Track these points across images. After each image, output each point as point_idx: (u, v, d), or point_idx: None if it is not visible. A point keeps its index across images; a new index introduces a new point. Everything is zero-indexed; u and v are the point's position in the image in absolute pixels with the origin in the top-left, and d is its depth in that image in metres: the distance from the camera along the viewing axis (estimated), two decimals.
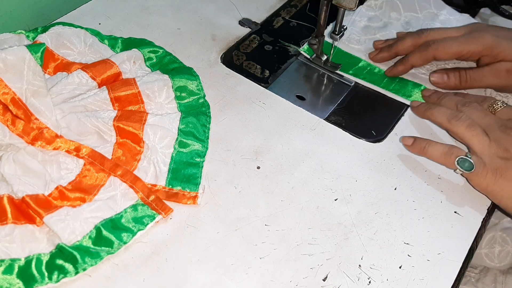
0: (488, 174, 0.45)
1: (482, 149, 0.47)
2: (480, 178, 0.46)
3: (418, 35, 0.58)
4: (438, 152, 0.48)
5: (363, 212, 0.46)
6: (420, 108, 0.54)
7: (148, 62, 0.57)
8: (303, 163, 0.50)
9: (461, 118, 0.48)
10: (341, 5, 0.51)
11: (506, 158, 0.45)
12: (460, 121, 0.48)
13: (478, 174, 0.46)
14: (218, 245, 0.43)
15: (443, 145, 0.48)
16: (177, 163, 0.48)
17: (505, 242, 0.57)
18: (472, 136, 0.47)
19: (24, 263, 0.39)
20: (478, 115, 0.49)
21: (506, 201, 0.45)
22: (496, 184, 0.45)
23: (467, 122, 0.48)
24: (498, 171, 0.45)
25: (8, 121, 0.46)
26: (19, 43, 0.55)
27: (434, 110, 0.51)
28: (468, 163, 0.46)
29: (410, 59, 0.57)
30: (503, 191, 0.45)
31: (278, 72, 0.59)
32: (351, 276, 0.42)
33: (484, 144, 0.47)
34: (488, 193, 0.46)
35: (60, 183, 0.44)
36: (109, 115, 0.49)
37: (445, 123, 0.50)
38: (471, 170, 0.46)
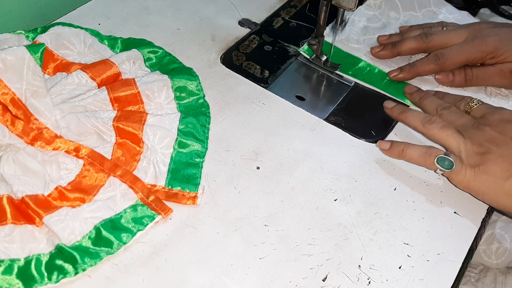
0: (467, 171, 0.46)
1: (457, 147, 0.47)
2: (460, 176, 0.46)
3: (422, 39, 0.58)
4: (416, 154, 0.48)
5: (362, 212, 0.46)
6: (394, 111, 0.54)
7: (147, 63, 0.57)
8: (303, 163, 0.50)
9: (434, 121, 0.49)
10: (340, 5, 0.51)
11: (481, 153, 0.46)
12: (434, 124, 0.49)
13: (458, 172, 0.46)
14: (218, 245, 0.43)
15: (421, 146, 0.49)
16: (176, 164, 0.48)
17: (503, 239, 0.57)
18: (447, 136, 0.48)
19: (23, 263, 0.39)
20: (454, 117, 0.50)
21: (489, 196, 0.46)
22: (476, 179, 0.45)
23: (441, 124, 0.49)
24: (476, 167, 0.45)
25: (7, 121, 0.46)
26: (18, 43, 0.55)
27: (408, 113, 0.52)
28: (448, 161, 0.46)
29: (418, 69, 0.58)
30: (484, 186, 0.45)
31: (277, 73, 0.59)
32: (350, 277, 0.42)
33: (460, 142, 0.47)
34: (470, 190, 0.47)
35: (60, 184, 0.44)
36: (108, 116, 0.49)
37: (420, 127, 0.50)
38: (451, 168, 0.46)
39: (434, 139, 0.50)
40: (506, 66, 0.55)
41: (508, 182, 0.44)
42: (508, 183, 0.44)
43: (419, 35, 0.59)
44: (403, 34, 0.62)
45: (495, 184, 0.45)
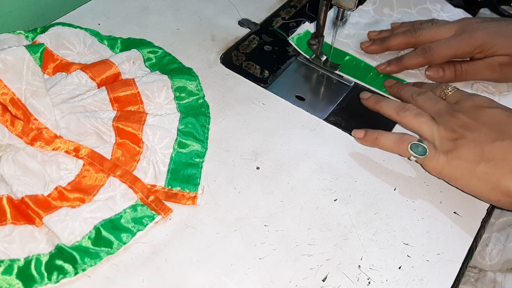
0: (440, 157, 0.46)
1: (431, 134, 0.48)
2: (433, 163, 0.46)
3: (411, 34, 0.59)
4: (390, 141, 0.49)
5: (362, 212, 0.46)
6: (370, 101, 0.55)
7: (147, 63, 0.57)
8: (303, 163, 0.50)
9: (408, 109, 0.50)
10: (340, 5, 0.51)
11: (454, 139, 0.46)
12: (408, 111, 0.50)
13: (432, 158, 0.46)
14: (218, 245, 0.43)
15: (394, 134, 0.49)
16: (176, 164, 0.48)
17: (498, 241, 0.57)
18: (421, 123, 0.48)
19: (23, 263, 0.39)
20: (429, 103, 0.51)
21: (461, 181, 0.46)
22: (449, 165, 0.46)
23: (414, 112, 0.49)
24: (449, 153, 0.46)
25: (7, 121, 0.46)
26: (18, 43, 0.55)
27: (383, 103, 0.53)
28: (421, 147, 0.47)
29: (405, 62, 0.58)
30: (457, 171, 0.46)
31: (277, 73, 0.59)
32: (350, 277, 0.42)
33: (433, 129, 0.48)
34: (443, 176, 0.47)
35: (60, 184, 0.44)
36: (108, 116, 0.49)
37: (395, 116, 0.51)
38: (425, 154, 0.46)
39: (408, 127, 0.50)
40: (494, 59, 0.55)
41: (479, 166, 0.44)
42: (479, 167, 0.44)
43: (408, 30, 0.59)
44: (393, 30, 0.62)
45: (467, 169, 0.45)
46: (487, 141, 0.45)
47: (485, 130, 0.46)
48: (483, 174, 0.44)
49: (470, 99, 0.49)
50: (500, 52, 0.55)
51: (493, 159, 0.44)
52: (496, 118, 0.46)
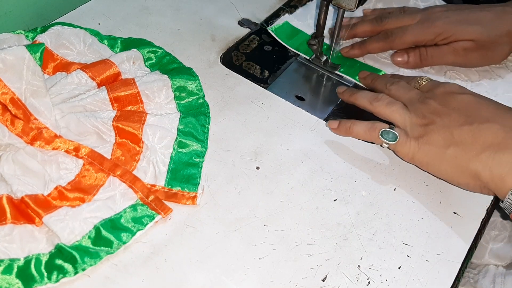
0: (411, 142, 0.47)
1: (403, 121, 0.48)
2: (405, 149, 0.47)
3: (377, 22, 0.60)
4: (362, 129, 0.50)
5: (362, 212, 0.46)
6: (345, 94, 0.55)
7: (147, 62, 0.57)
8: (303, 163, 0.50)
9: (381, 98, 0.51)
10: (340, 5, 0.51)
11: (425, 124, 0.47)
12: (380, 101, 0.50)
13: (403, 144, 0.47)
14: (218, 245, 0.43)
15: (366, 122, 0.50)
16: (176, 164, 0.48)
17: (504, 228, 0.57)
18: (393, 111, 0.49)
19: (23, 263, 0.39)
20: (402, 92, 0.51)
21: (433, 166, 0.47)
22: (420, 151, 0.46)
23: (387, 101, 0.50)
24: (420, 138, 0.46)
25: (7, 121, 0.46)
26: (18, 43, 0.55)
27: (357, 95, 0.54)
28: (392, 134, 0.48)
29: (368, 46, 0.60)
30: (427, 156, 0.46)
31: (277, 73, 0.59)
32: (350, 277, 0.42)
33: (405, 117, 0.48)
34: (415, 161, 0.48)
35: (59, 183, 0.44)
36: (108, 115, 0.49)
37: (368, 106, 0.52)
38: (395, 140, 0.47)
39: (381, 116, 0.51)
40: (459, 44, 0.57)
41: (449, 150, 0.45)
42: (449, 151, 0.45)
43: (375, 18, 0.61)
44: (364, 17, 0.63)
45: (437, 153, 0.46)
46: (456, 126, 0.45)
47: (454, 115, 0.46)
48: (452, 158, 0.45)
49: (442, 86, 0.50)
50: (464, 38, 0.56)
51: (461, 142, 0.45)
52: (465, 103, 0.47)
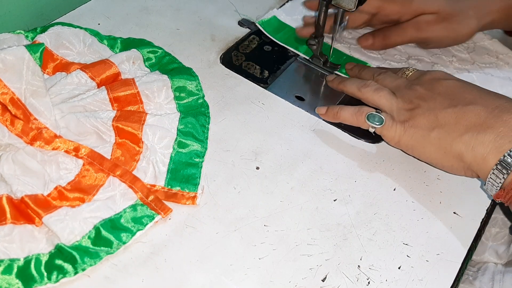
0: (397, 126, 0.47)
1: (390, 106, 0.49)
2: (391, 132, 0.48)
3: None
4: (349, 114, 0.51)
5: (362, 212, 0.46)
6: (334, 82, 0.57)
7: (147, 62, 0.57)
8: (302, 163, 0.50)
9: (369, 85, 0.51)
10: (340, 5, 0.51)
11: (410, 109, 0.48)
12: (369, 87, 0.51)
13: (389, 127, 0.48)
14: (217, 245, 0.43)
15: (353, 107, 0.51)
16: (176, 164, 0.48)
17: (505, 225, 0.57)
18: (380, 97, 0.50)
19: (23, 263, 0.39)
20: (389, 80, 0.52)
21: (417, 149, 0.47)
22: (406, 134, 0.47)
23: (375, 87, 0.51)
24: (406, 122, 0.47)
25: (7, 121, 0.46)
26: (18, 43, 0.55)
27: (346, 82, 0.55)
28: (378, 117, 0.48)
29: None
30: (413, 139, 0.47)
31: (277, 73, 0.59)
32: (350, 277, 0.42)
33: (392, 102, 0.49)
34: (401, 145, 0.48)
35: (59, 183, 0.44)
36: (108, 115, 0.49)
37: (356, 92, 0.53)
38: (381, 123, 0.48)
39: (369, 102, 0.52)
40: (421, 18, 0.58)
41: (433, 132, 0.45)
42: (433, 133, 0.45)
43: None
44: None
45: (422, 136, 0.46)
46: (440, 108, 0.46)
47: (439, 99, 0.47)
48: (436, 140, 0.45)
49: (428, 73, 0.51)
50: (425, 11, 0.57)
51: (445, 124, 0.45)
52: (450, 88, 0.48)
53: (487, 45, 0.64)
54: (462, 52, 0.63)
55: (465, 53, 0.63)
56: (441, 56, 0.62)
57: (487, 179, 0.42)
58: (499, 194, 0.42)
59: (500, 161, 0.41)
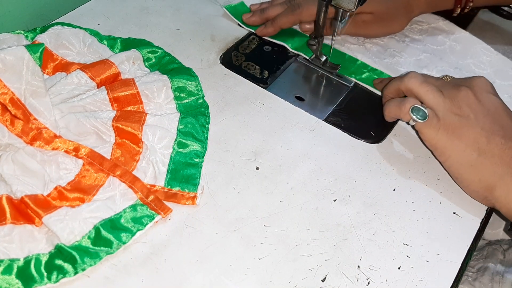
0: (440, 129, 0.46)
1: (436, 104, 0.47)
2: (432, 132, 0.46)
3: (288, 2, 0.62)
4: (393, 104, 0.50)
5: (362, 213, 0.46)
6: (379, 84, 0.58)
7: (147, 63, 0.57)
8: (302, 163, 0.50)
9: (414, 76, 0.49)
10: (340, 6, 0.51)
11: (459, 115, 0.46)
12: (414, 78, 0.49)
13: (431, 126, 0.46)
14: (217, 245, 0.43)
15: (398, 98, 0.50)
16: (176, 164, 0.48)
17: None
18: (427, 91, 0.48)
19: (23, 263, 0.39)
20: (431, 78, 0.50)
21: (452, 161, 0.46)
22: (447, 140, 0.46)
23: (421, 79, 0.49)
24: (451, 128, 0.46)
25: (7, 121, 0.46)
26: (18, 43, 0.55)
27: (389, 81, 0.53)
28: (422, 112, 0.47)
29: (278, 21, 0.62)
30: (452, 149, 0.46)
31: (277, 73, 0.59)
32: (350, 277, 0.42)
33: (439, 100, 0.47)
34: (437, 149, 0.47)
35: (59, 183, 0.44)
36: (108, 116, 0.49)
37: (400, 85, 0.51)
38: (425, 119, 0.46)
39: (413, 94, 0.49)
40: (359, 17, 0.61)
41: (476, 154, 0.45)
42: (476, 155, 0.45)
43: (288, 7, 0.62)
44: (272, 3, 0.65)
45: (464, 151, 0.45)
46: (490, 132, 0.45)
47: (489, 119, 0.45)
48: (478, 165, 0.45)
49: (473, 79, 0.49)
50: (364, 11, 0.60)
51: (490, 152, 0.44)
52: (500, 111, 0.46)
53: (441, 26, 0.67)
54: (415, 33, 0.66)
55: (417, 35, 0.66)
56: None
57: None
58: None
59: None
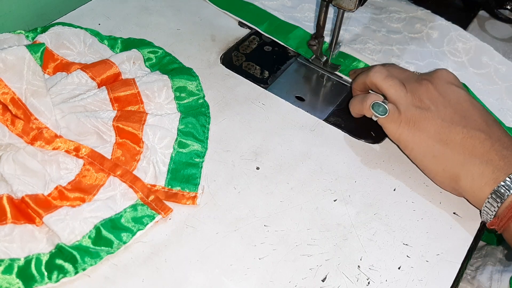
0: (402, 122, 0.47)
1: (398, 98, 0.48)
2: (394, 126, 0.47)
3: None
4: (357, 100, 0.51)
5: (362, 213, 0.46)
6: (352, 75, 0.58)
7: (147, 63, 0.57)
8: (302, 163, 0.50)
9: (379, 70, 0.50)
10: (340, 6, 0.51)
11: (420, 107, 0.47)
12: (378, 73, 0.50)
13: (393, 120, 0.47)
14: (217, 245, 0.43)
15: (362, 95, 0.51)
16: (176, 164, 0.48)
17: None
18: (390, 86, 0.49)
19: (23, 263, 0.39)
20: (397, 71, 0.51)
21: (416, 153, 0.47)
22: (409, 133, 0.47)
23: (385, 74, 0.49)
24: (412, 120, 0.47)
25: (7, 121, 0.46)
26: (18, 43, 0.55)
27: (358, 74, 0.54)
28: (383, 107, 0.48)
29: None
30: (414, 142, 0.46)
31: (277, 73, 0.60)
32: (350, 277, 0.42)
33: (401, 94, 0.48)
34: (400, 142, 0.48)
35: (60, 183, 0.44)
36: (108, 115, 0.49)
37: (364, 77, 0.52)
38: (385, 114, 0.47)
39: (377, 88, 0.51)
40: None
41: (438, 145, 0.45)
42: (438, 146, 0.45)
43: None
44: None
45: (426, 143, 0.46)
46: (450, 122, 0.46)
47: (450, 110, 0.46)
48: (439, 154, 0.45)
49: (439, 71, 0.49)
50: None
51: (451, 141, 0.45)
52: (461, 101, 0.47)
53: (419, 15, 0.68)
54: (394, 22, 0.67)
55: (395, 23, 0.67)
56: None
57: (482, 208, 0.43)
58: (493, 222, 0.43)
59: (495, 191, 0.42)
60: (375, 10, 0.68)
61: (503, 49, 0.64)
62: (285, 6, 0.68)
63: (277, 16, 0.65)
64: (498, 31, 0.68)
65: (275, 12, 0.66)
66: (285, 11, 0.67)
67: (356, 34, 0.65)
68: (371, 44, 0.63)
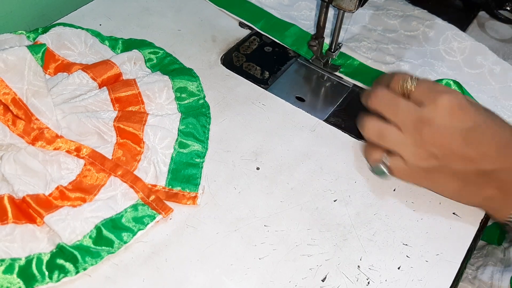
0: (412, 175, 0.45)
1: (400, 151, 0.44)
2: (403, 177, 0.46)
3: None
4: (365, 148, 0.49)
5: (362, 213, 0.46)
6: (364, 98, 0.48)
7: (148, 63, 0.57)
8: (303, 164, 0.50)
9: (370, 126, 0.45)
10: (340, 7, 0.51)
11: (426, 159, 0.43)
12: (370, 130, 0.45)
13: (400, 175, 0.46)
14: (218, 245, 0.43)
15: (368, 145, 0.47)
16: (177, 164, 0.48)
17: None
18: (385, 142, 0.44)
19: (24, 262, 0.39)
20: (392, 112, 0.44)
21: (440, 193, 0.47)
22: (423, 183, 0.47)
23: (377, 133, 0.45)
24: (422, 174, 0.44)
25: (8, 121, 0.46)
26: (19, 43, 0.55)
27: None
28: (381, 171, 0.46)
29: None
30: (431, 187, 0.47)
31: (278, 74, 0.60)
32: (350, 277, 0.42)
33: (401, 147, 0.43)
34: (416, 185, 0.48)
35: (61, 183, 0.44)
36: (109, 116, 0.49)
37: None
38: (383, 175, 0.46)
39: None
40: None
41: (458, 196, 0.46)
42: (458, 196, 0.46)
43: None
44: None
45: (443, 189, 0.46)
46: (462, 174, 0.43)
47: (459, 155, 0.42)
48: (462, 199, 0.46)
49: (435, 101, 0.42)
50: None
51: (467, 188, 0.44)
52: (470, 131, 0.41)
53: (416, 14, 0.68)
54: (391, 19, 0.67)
55: (392, 20, 0.67)
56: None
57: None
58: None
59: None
60: (373, 9, 0.68)
61: (503, 50, 0.64)
62: (282, 4, 0.68)
63: (273, 14, 0.66)
64: (498, 32, 0.68)
65: (271, 10, 0.66)
66: (282, 9, 0.67)
67: (352, 32, 0.65)
68: (366, 42, 0.63)
